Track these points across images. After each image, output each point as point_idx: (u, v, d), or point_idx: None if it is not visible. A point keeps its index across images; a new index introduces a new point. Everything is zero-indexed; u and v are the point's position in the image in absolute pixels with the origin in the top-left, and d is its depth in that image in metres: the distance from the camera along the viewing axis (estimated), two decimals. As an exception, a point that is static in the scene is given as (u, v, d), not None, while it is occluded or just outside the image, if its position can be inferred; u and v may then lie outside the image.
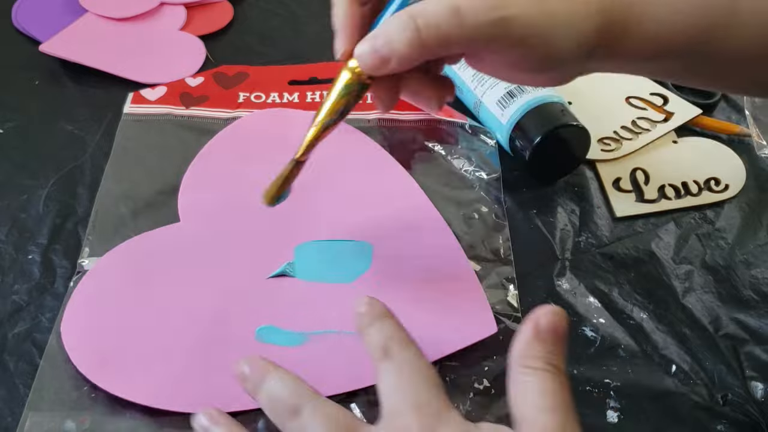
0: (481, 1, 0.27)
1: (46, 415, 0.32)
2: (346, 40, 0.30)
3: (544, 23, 0.28)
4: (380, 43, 0.28)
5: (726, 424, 0.34)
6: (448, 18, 0.26)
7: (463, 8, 0.26)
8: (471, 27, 0.27)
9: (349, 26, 0.30)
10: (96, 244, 0.39)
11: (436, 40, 0.27)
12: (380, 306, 0.31)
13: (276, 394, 0.28)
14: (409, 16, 0.27)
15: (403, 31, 0.27)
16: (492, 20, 0.27)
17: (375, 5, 0.30)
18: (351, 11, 0.29)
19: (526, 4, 0.27)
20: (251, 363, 0.30)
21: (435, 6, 0.27)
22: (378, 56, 0.28)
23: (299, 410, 0.27)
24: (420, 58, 0.28)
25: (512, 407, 0.25)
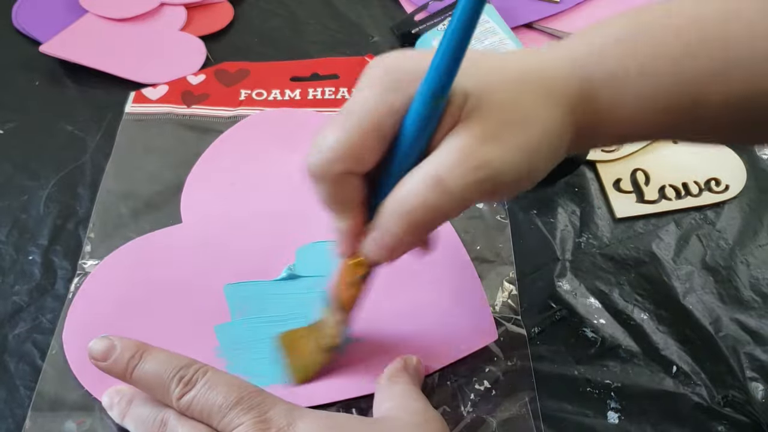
0: (463, 164, 0.26)
1: (47, 415, 0.32)
2: (354, 244, 0.29)
3: (527, 167, 0.27)
4: (381, 237, 0.28)
5: (726, 425, 0.34)
6: (434, 193, 0.26)
7: (445, 177, 0.26)
8: (456, 193, 0.26)
9: (357, 232, 0.29)
10: (97, 244, 0.39)
11: (427, 217, 0.26)
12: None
13: (140, 414, 0.30)
14: (398, 204, 0.27)
15: (397, 222, 0.27)
16: (478, 181, 0.26)
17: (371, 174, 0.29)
18: (360, 218, 0.29)
19: (509, 152, 0.26)
20: (113, 392, 0.32)
21: (417, 184, 0.26)
22: (384, 249, 0.28)
23: (165, 422, 0.29)
24: (423, 233, 0.28)
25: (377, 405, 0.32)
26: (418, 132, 0.26)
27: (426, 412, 0.31)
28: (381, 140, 0.27)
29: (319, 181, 0.27)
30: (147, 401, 0.31)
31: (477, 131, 0.26)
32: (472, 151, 0.26)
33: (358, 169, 0.27)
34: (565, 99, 0.28)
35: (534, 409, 0.34)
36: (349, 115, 0.26)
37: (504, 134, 0.26)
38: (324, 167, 0.27)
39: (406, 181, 0.26)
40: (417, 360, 0.34)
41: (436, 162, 0.26)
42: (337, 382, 0.34)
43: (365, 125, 0.26)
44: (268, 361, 0.35)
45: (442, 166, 0.26)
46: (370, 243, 0.28)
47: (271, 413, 0.28)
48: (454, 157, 0.26)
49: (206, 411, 0.29)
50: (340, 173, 0.27)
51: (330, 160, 0.26)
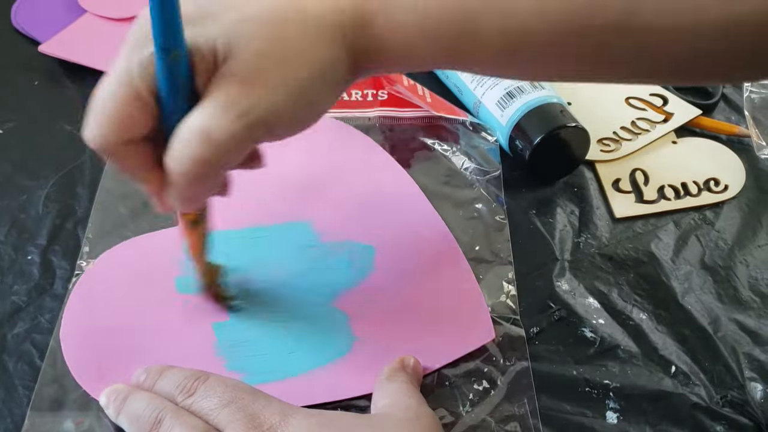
0: (224, 114, 0.25)
1: (45, 415, 0.32)
2: (162, 202, 0.29)
3: (300, 102, 0.27)
4: (174, 192, 0.28)
5: (725, 425, 0.34)
6: (202, 146, 0.25)
7: (210, 130, 0.25)
8: (226, 142, 0.26)
9: (161, 189, 0.29)
10: (95, 244, 0.39)
11: (203, 168, 0.26)
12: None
13: (135, 411, 0.30)
14: (172, 159, 0.26)
15: (177, 175, 0.26)
16: (244, 128, 0.26)
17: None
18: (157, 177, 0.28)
19: (271, 94, 0.26)
20: (110, 391, 0.32)
21: (185, 138, 0.26)
22: (183, 201, 0.28)
23: (161, 420, 0.29)
24: (210, 183, 0.28)
25: (374, 404, 0.32)
26: (169, 89, 0.26)
27: (419, 408, 0.31)
28: (143, 103, 0.26)
29: (102, 152, 0.27)
30: (143, 398, 0.31)
31: (234, 78, 0.26)
32: (232, 99, 0.25)
33: (130, 136, 0.27)
34: (334, 28, 0.27)
35: (533, 409, 0.34)
36: (104, 85, 0.26)
37: (266, 73, 0.26)
38: (100, 140, 0.27)
39: (175, 138, 0.26)
40: (415, 360, 0.34)
41: (199, 115, 0.26)
42: (337, 382, 0.34)
43: (119, 94, 0.26)
44: (267, 357, 0.35)
45: (206, 120, 0.25)
46: (171, 197, 0.28)
47: (264, 411, 0.29)
48: (216, 108, 0.25)
49: (204, 411, 0.29)
50: (114, 143, 0.27)
51: (103, 131, 0.26)
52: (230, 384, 0.30)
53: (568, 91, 0.47)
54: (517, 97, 0.44)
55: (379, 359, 0.34)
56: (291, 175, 0.43)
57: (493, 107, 0.46)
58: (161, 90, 0.26)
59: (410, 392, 0.32)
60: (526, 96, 0.44)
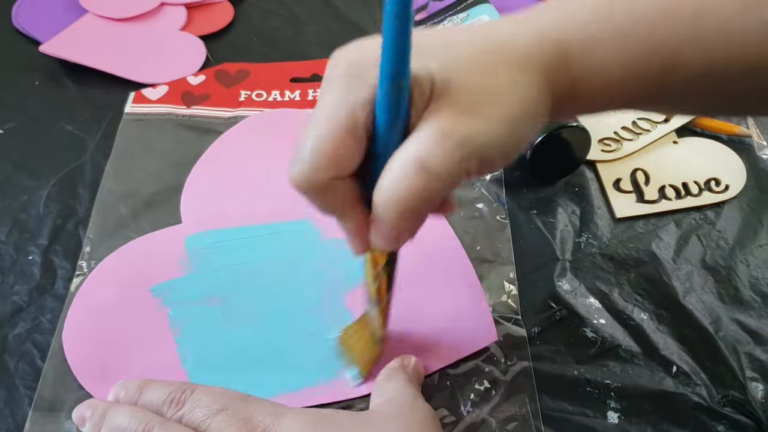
0: (443, 143, 0.25)
1: (47, 416, 0.32)
2: (362, 241, 0.29)
3: (510, 136, 0.26)
4: (382, 228, 0.27)
5: (726, 425, 0.34)
6: (419, 178, 0.25)
7: (427, 160, 0.25)
8: (442, 173, 0.25)
9: (362, 229, 0.28)
10: (96, 244, 0.39)
11: (417, 202, 0.25)
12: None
13: (119, 425, 0.30)
14: (384, 192, 0.26)
15: (389, 211, 0.26)
16: (463, 158, 0.25)
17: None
18: (360, 216, 0.28)
19: (488, 124, 0.26)
20: (85, 406, 0.31)
21: (401, 171, 0.25)
22: (388, 239, 0.28)
23: (150, 431, 0.29)
24: (421, 219, 0.27)
25: (372, 402, 0.32)
26: (389, 119, 0.25)
27: (413, 403, 0.31)
28: (357, 138, 0.26)
29: (308, 192, 0.27)
30: (125, 412, 0.30)
31: (452, 108, 0.25)
32: (450, 129, 0.25)
33: (341, 173, 0.26)
34: (541, 66, 0.27)
35: (534, 409, 0.34)
36: (319, 122, 0.26)
37: (481, 107, 0.26)
38: (307, 180, 0.26)
39: (390, 169, 0.25)
40: (415, 360, 0.34)
41: (414, 145, 0.25)
42: (337, 382, 0.34)
43: (336, 130, 0.25)
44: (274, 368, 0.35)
45: (422, 149, 0.25)
46: (375, 236, 0.28)
47: (256, 414, 0.29)
48: (432, 138, 0.25)
49: (196, 422, 0.29)
50: (324, 182, 0.26)
51: (312, 169, 0.26)
52: (219, 392, 0.30)
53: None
54: (518, 97, 0.44)
55: (381, 359, 0.34)
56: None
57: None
58: (379, 122, 0.26)
59: (406, 389, 0.32)
60: (527, 96, 0.44)
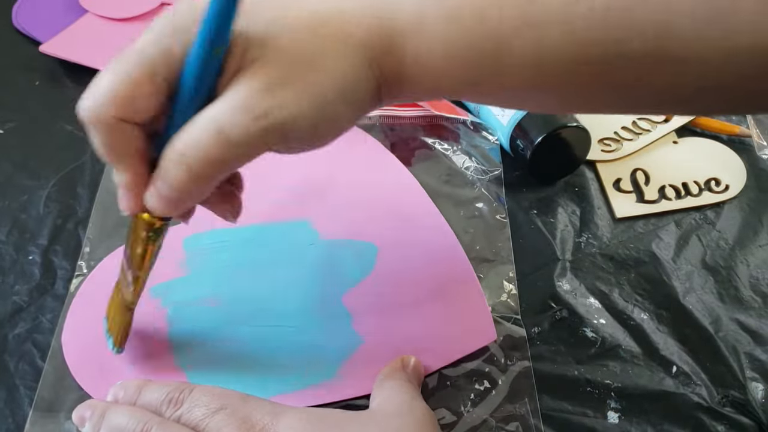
0: (243, 114, 0.24)
1: (47, 416, 0.32)
2: (137, 199, 0.27)
3: (319, 115, 0.26)
4: (163, 189, 0.26)
5: (726, 425, 0.34)
6: (215, 144, 0.24)
7: (226, 127, 0.24)
8: (240, 143, 0.24)
9: (139, 185, 0.27)
10: (96, 244, 0.39)
11: (210, 168, 0.25)
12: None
13: (118, 425, 0.29)
14: (178, 154, 0.25)
15: (178, 172, 0.25)
16: (260, 131, 0.24)
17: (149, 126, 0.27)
18: (141, 171, 0.27)
19: (293, 101, 0.25)
20: (85, 407, 0.31)
21: (198, 134, 0.24)
22: (168, 202, 0.26)
23: (149, 431, 0.29)
24: (208, 185, 0.26)
25: (371, 402, 0.32)
26: (198, 80, 0.25)
27: (411, 402, 0.31)
28: (156, 87, 0.25)
29: (92, 127, 0.25)
30: (123, 412, 0.30)
31: (259, 79, 0.25)
32: (253, 100, 0.24)
33: (132, 116, 0.25)
34: (364, 47, 0.26)
35: (534, 409, 0.34)
36: (123, 59, 0.25)
37: (290, 82, 0.25)
38: (95, 112, 0.25)
39: (186, 130, 0.25)
40: (415, 360, 0.34)
41: (216, 111, 0.25)
42: (339, 383, 0.34)
43: (136, 70, 0.25)
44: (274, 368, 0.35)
45: (223, 116, 0.24)
46: (152, 195, 0.27)
47: (255, 412, 0.29)
48: (235, 107, 0.24)
49: (195, 421, 0.29)
50: (112, 119, 0.25)
51: (101, 104, 0.25)
52: (217, 392, 0.30)
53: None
54: (518, 97, 0.44)
55: (381, 360, 0.34)
56: (292, 173, 0.43)
57: (494, 107, 0.45)
58: (185, 81, 0.25)
59: (405, 389, 0.32)
60: (527, 96, 0.44)
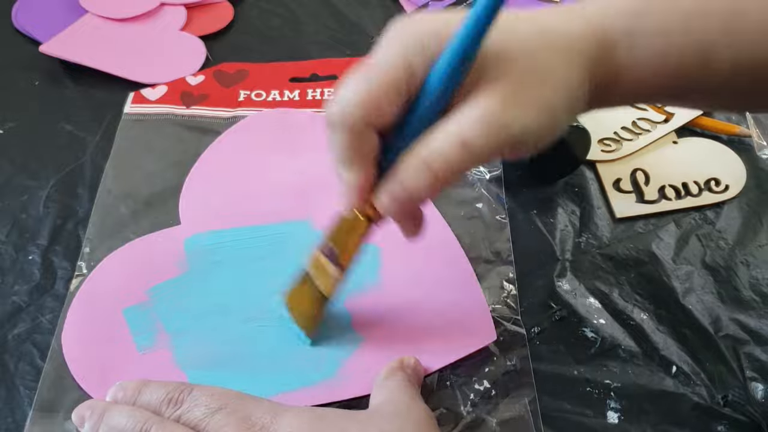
0: (486, 127, 0.27)
1: (47, 416, 0.32)
2: (362, 198, 0.30)
3: (548, 127, 0.28)
4: (399, 192, 0.28)
5: (726, 425, 0.34)
6: (458, 154, 0.27)
7: (469, 139, 0.27)
8: (480, 154, 0.27)
9: (367, 185, 0.29)
10: (96, 244, 0.39)
11: (451, 176, 0.28)
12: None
13: (117, 425, 0.29)
14: (422, 161, 0.27)
15: (419, 178, 0.28)
16: (500, 143, 0.27)
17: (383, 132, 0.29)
18: (371, 172, 0.29)
19: (529, 115, 0.27)
20: (84, 407, 0.31)
21: (442, 144, 0.27)
22: (398, 203, 0.29)
23: (148, 431, 0.29)
24: (437, 191, 0.29)
25: (371, 402, 0.32)
26: (441, 92, 0.27)
27: (410, 403, 0.31)
28: (398, 96, 0.27)
29: (338, 130, 0.28)
30: (122, 412, 0.30)
31: (498, 93, 0.27)
32: (494, 115, 0.27)
33: (376, 120, 0.28)
34: (583, 56, 0.28)
35: (534, 409, 0.34)
36: (370, 69, 0.27)
37: (526, 93, 0.27)
38: (344, 116, 0.27)
39: (431, 139, 0.27)
40: (415, 360, 0.34)
41: (461, 123, 0.27)
42: (339, 383, 0.34)
43: (385, 79, 0.27)
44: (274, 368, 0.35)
45: (467, 128, 0.27)
46: (385, 194, 0.29)
47: (255, 412, 0.29)
48: (478, 119, 0.27)
49: (195, 421, 0.29)
50: (359, 123, 0.27)
51: (350, 108, 0.27)
52: (217, 391, 0.30)
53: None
54: (517, 97, 0.44)
55: (381, 359, 0.34)
56: (292, 175, 0.43)
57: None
58: (429, 92, 0.27)
59: (405, 389, 0.32)
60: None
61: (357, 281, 0.38)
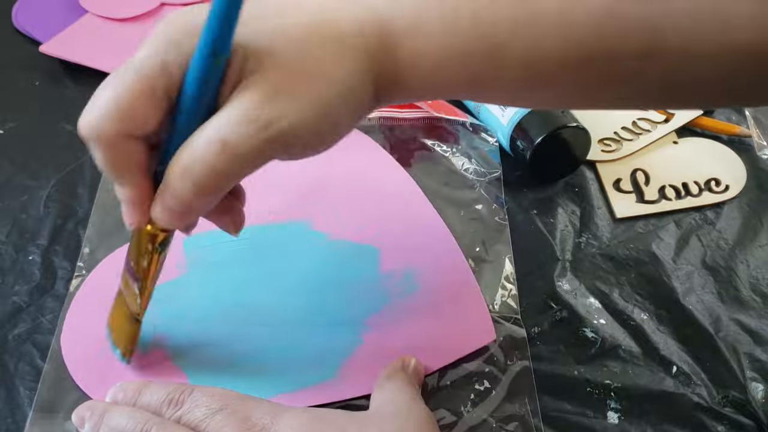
0: (247, 126, 0.24)
1: (47, 416, 0.32)
2: (142, 212, 0.27)
3: (323, 121, 0.26)
4: (169, 202, 0.26)
5: (726, 425, 0.34)
6: (219, 157, 0.24)
7: (230, 140, 0.24)
8: (245, 155, 0.25)
9: (143, 199, 0.27)
10: (96, 244, 0.39)
11: (215, 180, 0.25)
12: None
13: (117, 426, 0.29)
14: (183, 169, 0.25)
15: (183, 187, 0.25)
16: (265, 142, 0.25)
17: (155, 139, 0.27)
18: (145, 185, 0.27)
19: (296, 110, 0.25)
20: (84, 408, 0.31)
21: (202, 148, 0.25)
22: (174, 214, 0.27)
23: (148, 431, 0.29)
24: (214, 197, 0.27)
25: (371, 402, 0.32)
26: (198, 92, 0.25)
27: (411, 403, 0.31)
28: (156, 101, 0.25)
29: (93, 143, 0.26)
30: (122, 413, 0.30)
31: (260, 89, 0.25)
32: (256, 111, 0.24)
33: (133, 131, 0.25)
34: (361, 51, 0.26)
35: (534, 409, 0.34)
36: (120, 74, 0.25)
37: (290, 90, 0.25)
38: (95, 129, 0.25)
39: (190, 144, 0.25)
40: (415, 360, 0.34)
41: (219, 124, 0.25)
42: (339, 383, 0.34)
43: (136, 86, 0.25)
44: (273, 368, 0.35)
45: (227, 129, 0.24)
46: (158, 209, 0.27)
47: (255, 412, 0.29)
48: (237, 119, 0.24)
49: (195, 422, 0.29)
50: (113, 135, 0.25)
51: (100, 120, 0.25)
52: (217, 392, 0.30)
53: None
54: (517, 97, 0.44)
55: (381, 360, 0.34)
56: (291, 176, 0.43)
57: (494, 107, 0.45)
58: (187, 93, 0.25)
59: (405, 390, 0.32)
60: (527, 96, 0.44)
61: (356, 280, 0.38)
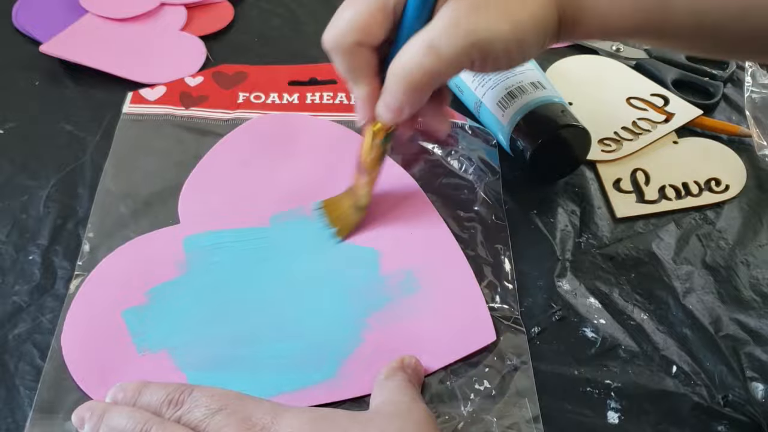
0: (452, 31, 0.30)
1: (47, 416, 0.32)
2: (370, 109, 0.35)
3: (514, 38, 0.31)
4: (388, 99, 0.33)
5: (727, 425, 0.34)
6: (427, 57, 0.31)
7: (436, 42, 0.30)
8: (448, 57, 0.31)
9: (373, 98, 0.34)
10: (96, 244, 0.39)
11: (422, 77, 0.31)
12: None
13: (117, 426, 0.29)
14: (400, 67, 0.32)
15: (399, 83, 0.32)
16: (466, 46, 0.30)
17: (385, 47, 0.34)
18: (374, 85, 0.34)
19: (495, 22, 0.31)
20: (84, 408, 0.31)
21: (414, 49, 0.31)
22: (391, 109, 0.34)
23: (148, 431, 0.29)
24: (423, 96, 0.33)
25: (371, 402, 0.32)
26: (419, 7, 0.32)
27: (411, 404, 0.31)
28: (386, 15, 0.32)
29: (334, 52, 0.33)
30: (122, 413, 0.30)
31: (466, 3, 0.30)
32: (460, 19, 0.30)
33: (367, 40, 0.33)
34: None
35: (534, 409, 0.34)
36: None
37: (492, 6, 0.31)
38: (337, 39, 0.33)
39: (405, 48, 0.31)
40: (415, 360, 0.34)
41: (429, 30, 0.31)
42: (337, 383, 0.34)
43: (373, 3, 0.32)
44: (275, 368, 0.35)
45: (434, 33, 0.31)
46: (380, 106, 0.34)
47: (255, 412, 0.29)
48: (444, 25, 0.30)
49: (195, 422, 0.29)
50: (352, 44, 0.33)
51: (343, 32, 0.33)
52: (217, 392, 0.30)
53: (569, 91, 0.47)
54: (518, 97, 0.44)
55: (381, 359, 0.34)
56: (291, 178, 0.43)
57: (494, 107, 0.45)
58: (409, 7, 0.32)
59: (405, 389, 0.32)
60: (528, 96, 0.44)
61: (356, 281, 0.38)
